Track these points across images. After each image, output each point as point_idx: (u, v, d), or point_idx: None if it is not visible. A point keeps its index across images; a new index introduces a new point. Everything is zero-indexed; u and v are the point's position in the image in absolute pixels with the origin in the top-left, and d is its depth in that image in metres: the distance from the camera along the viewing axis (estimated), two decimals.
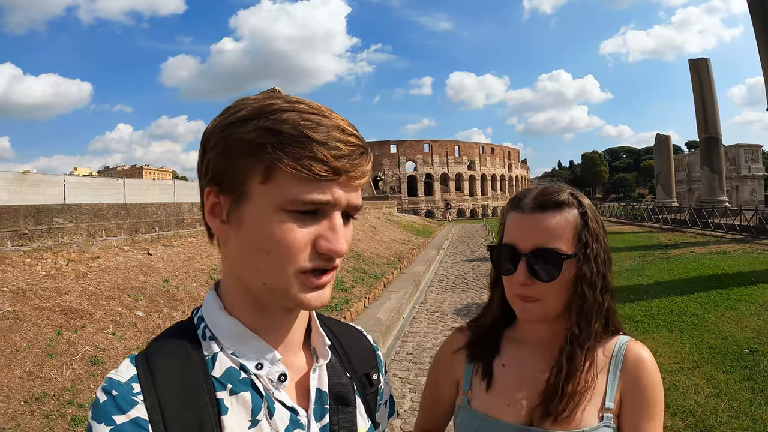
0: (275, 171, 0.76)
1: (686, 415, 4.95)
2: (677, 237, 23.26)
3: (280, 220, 0.78)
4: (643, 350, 1.25)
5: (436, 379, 1.47)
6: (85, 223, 8.94)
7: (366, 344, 1.17)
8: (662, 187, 38.34)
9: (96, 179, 30.67)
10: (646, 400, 1.19)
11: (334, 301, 10.06)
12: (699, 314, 8.59)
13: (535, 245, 1.18)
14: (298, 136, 0.76)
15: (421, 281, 14.60)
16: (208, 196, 0.83)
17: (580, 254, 1.19)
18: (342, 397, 0.97)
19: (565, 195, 1.22)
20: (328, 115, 0.80)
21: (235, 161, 0.79)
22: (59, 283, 6.82)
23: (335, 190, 0.79)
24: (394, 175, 79.29)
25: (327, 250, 0.80)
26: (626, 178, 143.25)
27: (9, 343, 5.16)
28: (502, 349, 1.34)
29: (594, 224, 1.22)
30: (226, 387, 0.83)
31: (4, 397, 4.43)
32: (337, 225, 0.81)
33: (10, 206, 8.21)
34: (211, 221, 0.84)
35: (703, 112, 29.54)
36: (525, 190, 1.29)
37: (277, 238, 0.78)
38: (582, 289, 1.19)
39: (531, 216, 1.21)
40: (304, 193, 0.77)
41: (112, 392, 0.77)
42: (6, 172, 23.23)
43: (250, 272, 0.83)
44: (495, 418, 1.25)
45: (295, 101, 0.81)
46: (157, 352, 0.84)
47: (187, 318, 0.94)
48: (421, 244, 24.65)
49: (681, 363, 6.39)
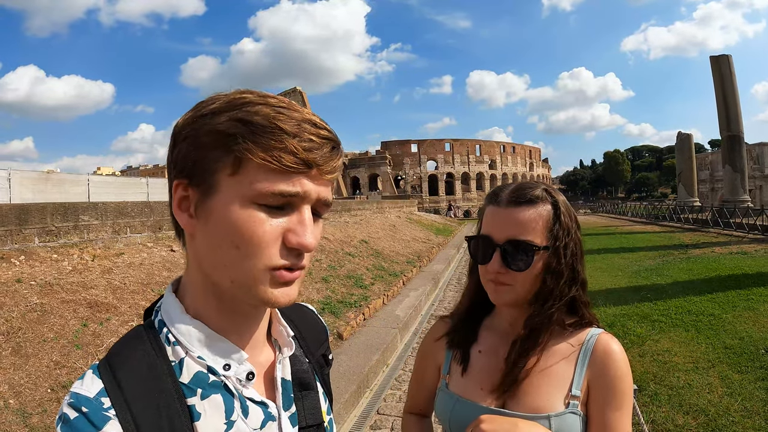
0: (245, 162, 0.76)
1: (698, 414, 4.95)
2: (698, 237, 22.96)
3: (249, 212, 0.77)
4: (613, 342, 1.31)
5: (421, 365, 1.58)
6: (110, 220, 9.09)
7: (319, 324, 1.20)
8: (684, 186, 37.92)
9: (119, 178, 31.06)
10: (613, 390, 1.24)
11: (353, 298, 10.12)
12: (716, 314, 8.54)
13: (509, 236, 1.26)
14: (269, 126, 0.76)
15: (440, 279, 14.57)
16: (177, 189, 0.82)
17: (551, 246, 1.27)
18: (304, 383, 0.99)
19: (539, 191, 1.30)
20: (299, 109, 0.81)
21: (205, 153, 0.78)
22: (85, 278, 6.97)
23: (305, 183, 0.78)
24: (415, 174, 79.11)
25: (297, 244, 0.79)
26: (648, 177, 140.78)
27: (37, 334, 5.32)
28: (480, 337, 1.44)
29: (566, 218, 1.30)
30: (196, 392, 0.82)
31: (32, 384, 4.58)
32: (306, 219, 0.80)
33: (38, 204, 8.38)
34: (178, 215, 0.83)
35: (725, 110, 29.10)
36: (502, 185, 1.38)
37: (248, 232, 0.77)
38: (545, 278, 1.28)
39: (506, 210, 1.28)
40: (273, 185, 0.76)
41: (82, 409, 0.75)
42: (31, 171, 23.59)
43: (217, 268, 0.81)
44: (469, 400, 1.33)
45: (267, 96, 0.81)
46: (121, 362, 0.81)
47: (146, 321, 0.92)
48: (440, 242, 24.52)
49: (696, 362, 6.38)
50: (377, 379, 6.64)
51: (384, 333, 8.17)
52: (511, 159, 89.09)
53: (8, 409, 4.20)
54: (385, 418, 5.41)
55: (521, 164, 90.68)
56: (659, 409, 5.11)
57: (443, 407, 1.39)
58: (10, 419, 4.10)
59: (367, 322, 8.92)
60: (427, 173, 79.89)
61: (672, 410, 5.07)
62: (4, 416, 4.12)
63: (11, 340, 5.10)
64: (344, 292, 10.52)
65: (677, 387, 5.62)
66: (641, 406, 5.11)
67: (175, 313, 0.87)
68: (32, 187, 20.56)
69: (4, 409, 4.18)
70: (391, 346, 7.77)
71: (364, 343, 7.54)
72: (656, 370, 6.15)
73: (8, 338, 5.11)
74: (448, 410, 1.36)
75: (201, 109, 0.81)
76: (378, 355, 6.96)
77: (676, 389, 5.57)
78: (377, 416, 5.52)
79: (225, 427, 0.83)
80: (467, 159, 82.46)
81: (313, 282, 10.54)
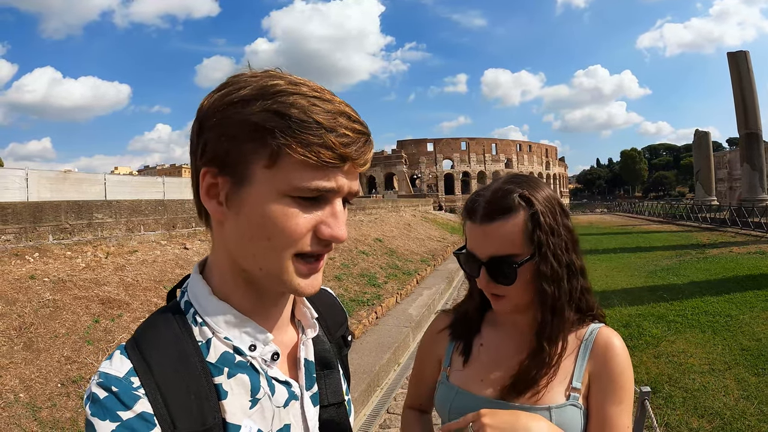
0: (282, 156, 0.75)
1: (714, 417, 4.89)
2: (716, 236, 22.85)
3: (284, 205, 0.77)
4: (614, 336, 1.30)
5: (422, 359, 1.57)
6: (124, 218, 9.16)
7: (338, 306, 1.21)
8: (702, 185, 37.66)
9: (136, 177, 31.35)
10: (613, 384, 1.24)
11: (366, 297, 10.13)
12: (733, 315, 8.47)
13: (490, 254, 1.24)
14: (306, 121, 0.75)
15: (455, 278, 14.55)
16: (205, 176, 0.81)
17: (535, 253, 1.22)
18: (326, 363, 1.00)
19: (512, 199, 1.23)
20: (331, 98, 0.79)
21: (239, 144, 0.77)
22: (98, 275, 7.02)
23: (339, 178, 0.79)
24: (431, 173, 78.90)
25: (330, 237, 0.80)
26: (666, 176, 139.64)
27: (49, 329, 5.36)
28: (482, 330, 1.43)
29: (548, 219, 1.23)
30: (223, 372, 0.83)
31: (42, 379, 4.61)
32: (338, 211, 0.81)
33: (52, 201, 8.47)
34: (206, 201, 0.82)
35: (743, 107, 28.84)
36: (476, 194, 1.32)
37: (280, 224, 0.78)
38: (543, 287, 1.24)
39: (481, 227, 1.25)
40: (309, 180, 0.76)
41: (112, 388, 0.75)
42: (48, 171, 23.84)
43: (247, 256, 0.82)
44: (469, 392, 1.33)
45: (299, 82, 0.79)
46: (149, 342, 0.82)
47: (172, 303, 0.92)
48: (455, 241, 24.43)
49: (712, 364, 6.31)
50: (388, 378, 6.62)
51: (396, 332, 8.15)
52: (528, 158, 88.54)
53: (18, 402, 4.23)
54: (395, 418, 5.38)
55: (537, 163, 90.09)
56: (674, 412, 5.04)
57: (443, 399, 1.38)
58: (19, 413, 4.13)
59: (379, 321, 8.92)
60: (443, 172, 79.67)
61: (687, 413, 5.00)
62: (15, 410, 4.14)
63: (23, 335, 5.14)
64: (357, 291, 10.52)
65: (692, 389, 5.54)
66: (655, 408, 5.03)
67: (203, 295, 0.88)
68: (50, 186, 20.79)
69: (15, 403, 4.20)
70: (403, 344, 7.76)
71: (375, 341, 7.52)
72: (671, 371, 6.06)
73: (20, 333, 5.15)
74: (449, 402, 1.35)
75: (230, 95, 0.79)
76: (389, 354, 6.94)
77: (691, 392, 5.49)
78: (387, 415, 5.50)
79: (250, 404, 0.84)
80: (483, 158, 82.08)
81: (326, 280, 10.53)
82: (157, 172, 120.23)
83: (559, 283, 1.25)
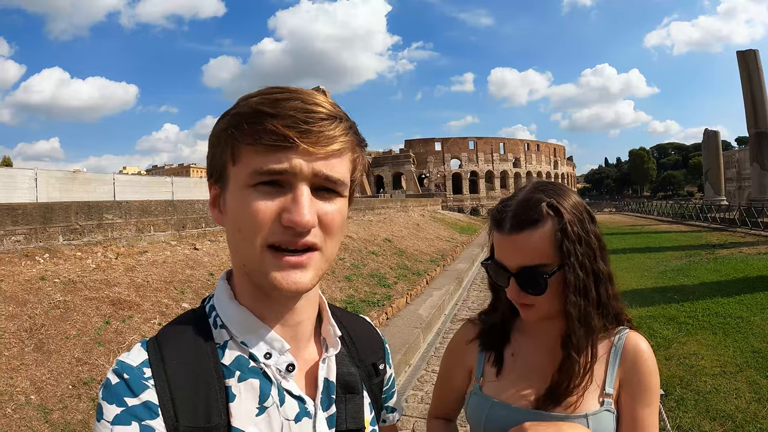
0: (238, 150, 0.81)
1: (725, 420, 4.83)
2: (726, 237, 22.67)
3: (247, 196, 0.80)
4: (641, 341, 1.32)
5: (450, 369, 1.56)
6: (134, 218, 9.19)
7: (374, 334, 1.20)
8: (711, 185, 37.42)
9: (145, 177, 31.45)
10: (642, 387, 1.26)
11: (375, 297, 10.12)
12: (745, 317, 8.37)
13: (520, 265, 1.24)
14: (251, 113, 0.80)
15: (464, 278, 14.50)
16: (210, 189, 0.90)
17: (565, 263, 1.22)
18: (350, 387, 1.00)
19: (540, 209, 1.23)
20: (295, 91, 0.83)
21: (215, 151, 0.86)
22: (108, 276, 7.03)
23: (293, 159, 0.79)
24: (438, 173, 78.96)
25: (288, 222, 0.79)
26: (674, 175, 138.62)
27: (59, 330, 5.37)
28: (512, 340, 1.43)
29: (576, 228, 1.23)
30: (234, 374, 0.86)
31: (53, 381, 4.61)
32: (299, 196, 0.80)
33: (62, 202, 8.50)
34: (212, 212, 0.91)
35: (752, 106, 28.65)
36: (503, 204, 1.32)
37: (246, 214, 0.80)
38: (570, 297, 1.24)
39: (510, 237, 1.25)
40: (262, 165, 0.79)
41: (124, 375, 0.80)
42: (57, 171, 23.94)
43: (233, 254, 0.88)
44: (504, 402, 1.33)
45: (276, 89, 0.83)
46: (168, 339, 0.87)
47: (199, 306, 0.97)
48: (464, 241, 24.45)
49: (723, 366, 6.23)
50: (399, 380, 6.58)
51: (407, 333, 8.11)
52: (536, 157, 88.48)
53: (29, 404, 4.23)
54: (407, 420, 5.35)
55: (545, 162, 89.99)
56: (685, 414, 5.00)
57: (477, 411, 1.37)
58: (30, 415, 4.13)
59: (389, 322, 8.89)
60: (451, 171, 79.68)
61: (698, 416, 4.95)
62: (26, 412, 4.14)
63: (34, 336, 5.15)
64: (367, 291, 10.52)
65: (704, 392, 5.49)
66: (667, 411, 4.99)
67: (224, 299, 0.92)
68: (59, 186, 20.86)
69: (26, 405, 4.21)
70: (414, 345, 7.72)
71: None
72: (683, 374, 6.02)
73: (31, 335, 5.16)
74: (483, 414, 1.35)
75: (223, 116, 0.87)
76: (400, 355, 6.91)
77: (703, 394, 5.43)
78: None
79: (257, 411, 0.85)
80: (491, 157, 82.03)
81: (336, 281, 10.55)
82: (166, 171, 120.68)
83: (587, 292, 1.25)
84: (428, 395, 5.95)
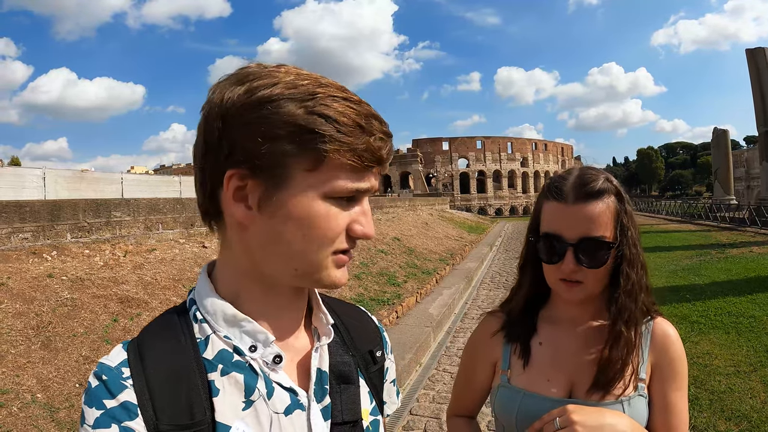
0: (326, 160, 0.75)
1: (741, 420, 4.77)
2: (735, 236, 22.57)
3: (326, 206, 0.78)
4: (669, 327, 1.35)
5: (472, 363, 1.54)
6: (142, 216, 9.18)
7: (369, 322, 1.16)
8: (720, 184, 37.18)
9: (152, 177, 31.65)
10: (673, 371, 1.29)
11: (386, 296, 10.09)
12: (757, 316, 8.30)
13: (581, 235, 1.23)
14: (350, 125, 0.75)
15: (474, 277, 14.48)
16: (231, 178, 0.77)
17: (621, 238, 1.24)
18: (344, 376, 0.96)
19: (602, 182, 1.25)
20: (358, 100, 0.80)
21: (278, 144, 0.74)
22: (116, 273, 7.01)
23: (371, 178, 0.81)
24: (446, 172, 79.13)
25: (362, 234, 0.83)
26: (683, 174, 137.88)
27: (67, 328, 5.34)
28: (538, 329, 1.41)
29: (629, 206, 1.28)
30: (216, 368, 0.82)
31: (60, 379, 4.58)
32: (367, 210, 0.84)
33: (70, 200, 8.51)
34: (232, 206, 0.79)
35: (762, 104, 28.40)
36: (558, 177, 1.33)
37: (323, 225, 0.78)
38: (627, 272, 1.26)
39: (574, 207, 1.24)
40: (350, 182, 0.78)
41: (102, 377, 0.78)
42: (65, 170, 24.12)
43: (279, 260, 0.82)
44: (536, 393, 1.31)
45: (325, 83, 0.79)
46: (147, 336, 0.85)
47: (182, 301, 0.93)
48: (473, 240, 24.46)
49: (737, 366, 6.17)
50: (410, 379, 6.53)
51: (417, 332, 8.06)
52: (543, 157, 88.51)
53: (36, 403, 4.20)
54: (418, 419, 5.31)
55: (553, 162, 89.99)
56: (700, 414, 4.94)
57: (507, 403, 1.35)
58: (37, 413, 4.10)
59: (399, 321, 8.84)
60: (458, 171, 79.83)
61: (713, 416, 4.90)
62: (32, 410, 4.11)
63: (41, 334, 5.12)
64: (377, 290, 10.48)
65: (718, 391, 5.43)
66: None
67: (205, 293, 0.88)
68: (67, 185, 21.00)
69: (32, 404, 4.17)
70: (424, 345, 7.67)
71: (396, 341, 7.40)
72: (697, 373, 5.95)
73: (38, 332, 5.13)
74: (515, 405, 1.32)
75: (258, 90, 0.76)
76: (411, 355, 6.86)
77: (717, 394, 5.38)
78: (410, 417, 5.42)
79: (243, 405, 0.82)
80: (499, 157, 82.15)
81: None
82: (173, 171, 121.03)
83: (638, 269, 1.28)
84: (440, 394, 5.92)
